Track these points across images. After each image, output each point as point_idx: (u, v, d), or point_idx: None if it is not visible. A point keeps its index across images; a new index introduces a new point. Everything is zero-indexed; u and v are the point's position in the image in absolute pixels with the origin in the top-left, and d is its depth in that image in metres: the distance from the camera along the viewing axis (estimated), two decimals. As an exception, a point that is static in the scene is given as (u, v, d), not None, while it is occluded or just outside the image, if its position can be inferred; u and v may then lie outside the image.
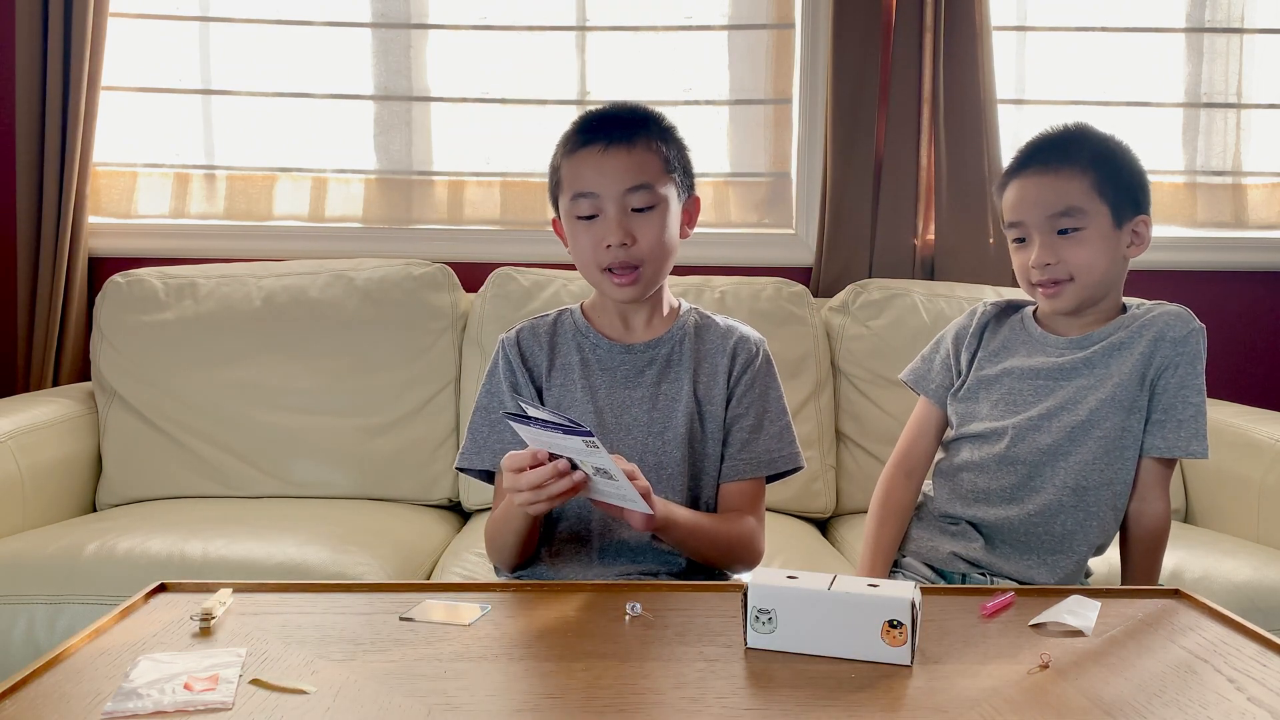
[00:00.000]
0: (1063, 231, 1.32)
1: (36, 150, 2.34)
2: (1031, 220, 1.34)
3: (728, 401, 1.35)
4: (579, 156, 1.30)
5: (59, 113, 2.32)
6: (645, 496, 1.11)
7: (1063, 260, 1.31)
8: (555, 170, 1.35)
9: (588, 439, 1.01)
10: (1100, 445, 1.33)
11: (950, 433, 1.45)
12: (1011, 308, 1.47)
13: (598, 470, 1.07)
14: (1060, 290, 1.33)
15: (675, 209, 1.33)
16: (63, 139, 2.32)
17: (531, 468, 1.10)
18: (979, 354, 1.43)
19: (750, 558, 1.33)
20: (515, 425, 1.09)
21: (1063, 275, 1.32)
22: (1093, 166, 1.32)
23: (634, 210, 1.29)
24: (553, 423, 1.03)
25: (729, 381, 1.36)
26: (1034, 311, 1.44)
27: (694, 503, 1.33)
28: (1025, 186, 1.34)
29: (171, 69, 2.49)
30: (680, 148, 1.35)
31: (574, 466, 1.09)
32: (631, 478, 1.09)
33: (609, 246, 1.28)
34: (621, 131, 1.29)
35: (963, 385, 1.43)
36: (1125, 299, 1.40)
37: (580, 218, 1.30)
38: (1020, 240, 1.37)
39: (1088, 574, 1.42)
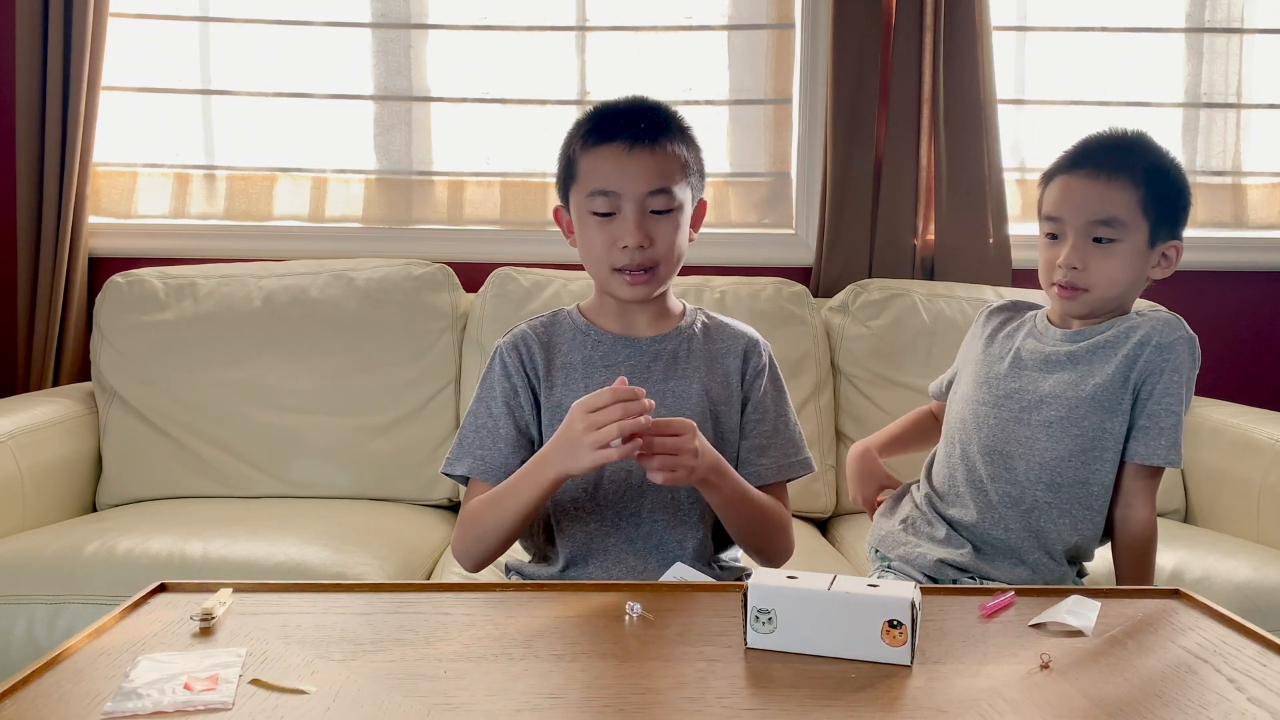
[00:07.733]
0: (1097, 239, 1.32)
1: (36, 150, 2.34)
2: (1070, 221, 1.33)
3: (743, 405, 1.35)
4: (600, 152, 1.26)
5: (59, 113, 2.31)
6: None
7: (1089, 268, 1.31)
8: (569, 160, 1.31)
9: None
10: (1077, 443, 1.33)
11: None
12: (1021, 307, 1.48)
13: None
14: (1076, 296, 1.34)
15: (689, 212, 1.31)
16: (63, 139, 2.32)
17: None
18: (983, 346, 1.45)
19: (785, 544, 1.35)
20: None
21: (1082, 283, 1.32)
22: (1144, 181, 1.31)
23: (652, 212, 1.26)
24: None
25: (743, 384, 1.35)
26: (1045, 312, 1.45)
27: (701, 506, 1.31)
28: (1072, 185, 1.34)
29: (171, 69, 2.49)
30: (697, 149, 1.33)
31: None
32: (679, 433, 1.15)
33: (624, 248, 1.25)
34: (646, 131, 1.26)
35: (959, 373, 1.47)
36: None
37: (595, 214, 1.27)
38: (1053, 236, 1.36)
39: (1082, 574, 1.42)
